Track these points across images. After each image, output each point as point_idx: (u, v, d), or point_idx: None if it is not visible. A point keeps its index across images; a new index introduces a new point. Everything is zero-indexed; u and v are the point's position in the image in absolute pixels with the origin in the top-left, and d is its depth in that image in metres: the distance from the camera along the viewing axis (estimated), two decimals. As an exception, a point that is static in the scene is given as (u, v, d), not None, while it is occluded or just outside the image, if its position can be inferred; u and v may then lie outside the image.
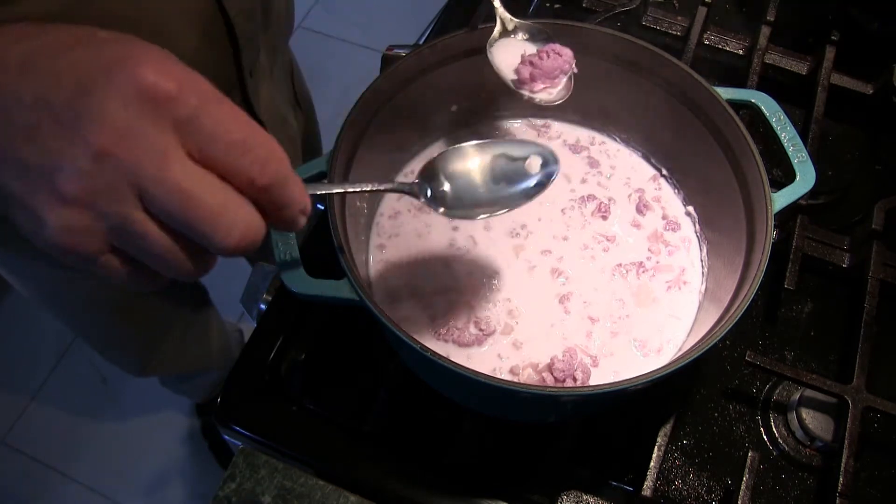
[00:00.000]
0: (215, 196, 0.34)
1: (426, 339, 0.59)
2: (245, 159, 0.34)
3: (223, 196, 0.34)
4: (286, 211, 0.37)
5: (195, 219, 0.33)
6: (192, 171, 0.33)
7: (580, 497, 0.59)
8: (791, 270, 0.67)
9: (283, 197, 0.36)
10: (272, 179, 0.35)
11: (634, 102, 0.65)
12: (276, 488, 0.57)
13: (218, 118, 0.33)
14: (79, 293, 0.90)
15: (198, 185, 0.33)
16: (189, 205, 0.33)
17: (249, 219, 0.35)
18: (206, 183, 0.33)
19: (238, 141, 0.34)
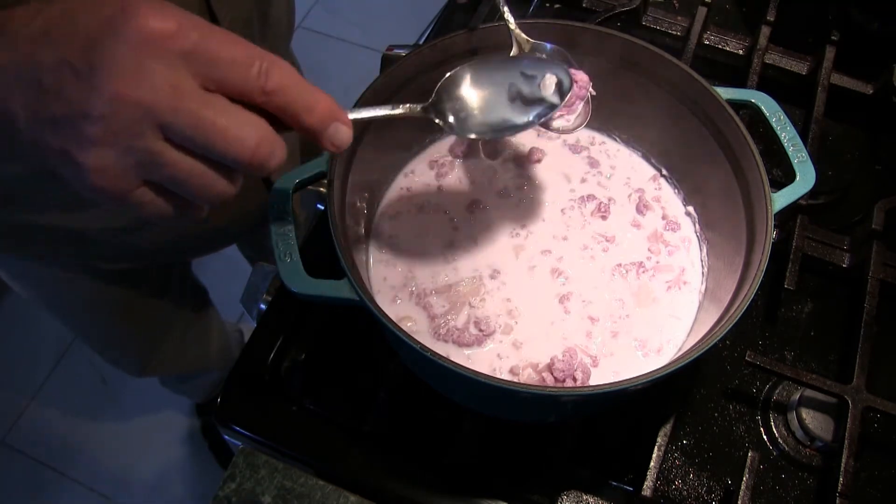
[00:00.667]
0: (226, 114, 0.37)
1: (426, 339, 0.59)
2: (250, 72, 0.37)
3: (233, 113, 0.37)
4: (309, 116, 0.40)
5: (210, 138, 0.37)
6: (205, 99, 0.36)
7: (580, 497, 0.59)
8: (791, 270, 0.67)
9: (298, 99, 0.39)
10: (279, 83, 0.38)
11: (634, 102, 0.65)
12: (276, 488, 0.57)
13: (219, 44, 0.37)
14: (78, 294, 0.90)
15: (209, 108, 0.36)
16: (202, 125, 0.36)
17: (259, 130, 0.38)
18: (217, 105, 0.37)
19: (240, 58, 0.37)
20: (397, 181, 0.68)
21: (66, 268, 0.86)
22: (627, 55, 0.62)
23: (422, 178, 0.68)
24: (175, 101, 0.36)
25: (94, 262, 0.85)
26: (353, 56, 2.11)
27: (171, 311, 1.07)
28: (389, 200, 0.67)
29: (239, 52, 0.37)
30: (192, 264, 1.14)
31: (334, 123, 0.41)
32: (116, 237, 0.76)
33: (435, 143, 0.70)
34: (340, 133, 0.42)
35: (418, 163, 0.69)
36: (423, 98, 0.50)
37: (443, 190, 0.68)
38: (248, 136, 0.37)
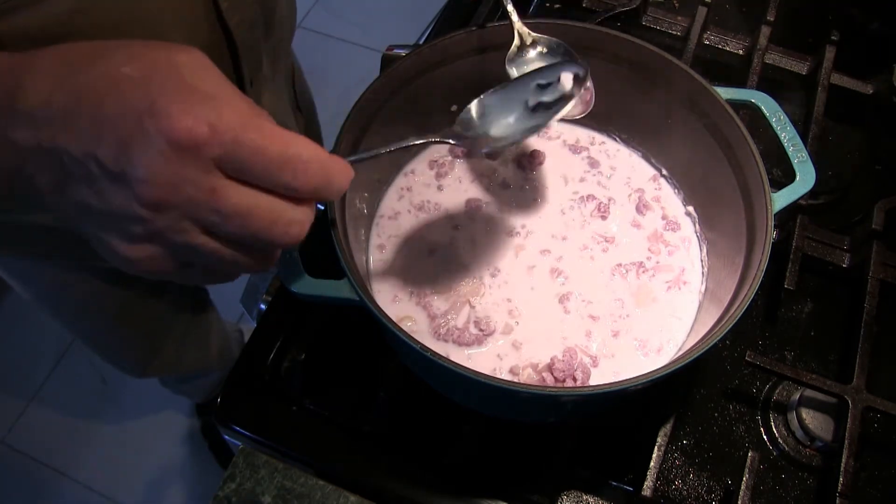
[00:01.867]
0: (267, 209, 0.37)
1: (426, 339, 0.59)
2: (286, 174, 0.37)
3: (274, 206, 0.37)
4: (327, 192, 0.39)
5: (254, 234, 0.37)
6: (241, 194, 0.36)
7: (580, 497, 0.59)
8: (791, 270, 0.67)
9: (322, 187, 0.39)
10: (314, 185, 0.38)
11: (634, 102, 0.65)
12: (276, 488, 0.57)
13: (252, 144, 0.36)
14: (78, 296, 0.90)
15: (249, 205, 0.36)
16: (246, 224, 0.37)
17: (301, 216, 0.38)
18: (256, 201, 0.37)
19: (275, 159, 0.36)
20: (397, 181, 0.68)
21: (66, 268, 0.86)
22: (627, 55, 0.62)
23: (422, 178, 0.68)
24: (214, 204, 0.36)
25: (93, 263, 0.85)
26: (353, 56, 2.11)
27: (171, 311, 1.07)
28: (389, 200, 0.67)
29: (271, 153, 0.36)
30: (192, 264, 1.14)
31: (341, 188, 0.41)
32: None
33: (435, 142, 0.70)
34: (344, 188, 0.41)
35: (418, 163, 0.69)
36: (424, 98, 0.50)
37: (443, 190, 0.68)
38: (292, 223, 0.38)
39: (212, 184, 0.36)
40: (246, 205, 0.36)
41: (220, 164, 0.35)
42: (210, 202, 0.36)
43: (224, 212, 0.36)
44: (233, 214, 0.36)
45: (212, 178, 0.35)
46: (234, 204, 0.36)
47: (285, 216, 0.38)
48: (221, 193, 0.36)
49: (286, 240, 0.38)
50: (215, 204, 0.36)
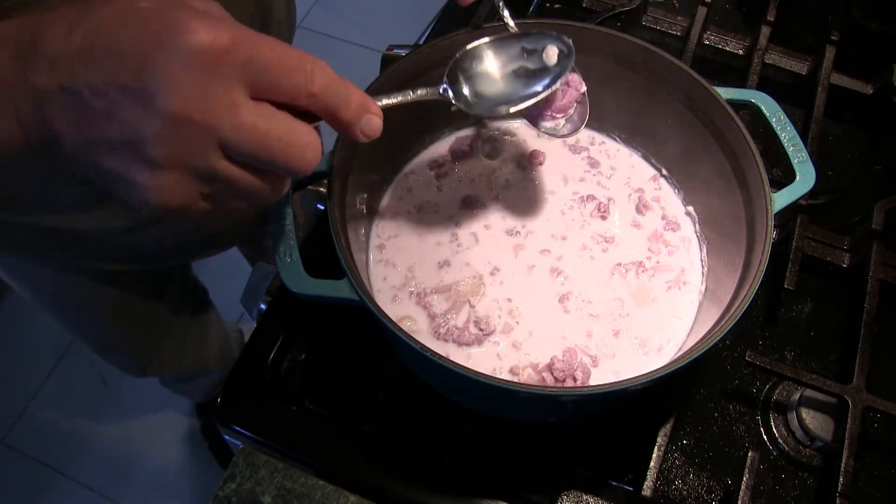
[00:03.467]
0: (283, 127, 0.38)
1: (426, 338, 0.59)
2: (297, 75, 0.38)
3: (289, 125, 0.38)
4: (346, 111, 0.41)
5: (272, 153, 0.38)
6: (258, 111, 0.37)
7: (580, 497, 0.59)
8: (791, 270, 0.67)
9: (338, 96, 0.40)
10: (323, 82, 0.39)
11: (634, 102, 0.65)
12: (276, 488, 0.57)
13: (270, 52, 0.37)
14: (77, 295, 0.90)
15: (267, 123, 0.37)
16: (265, 143, 0.37)
17: (312, 143, 0.39)
18: (273, 119, 0.37)
19: (290, 63, 0.37)
20: (397, 181, 0.68)
21: (65, 268, 0.86)
22: (627, 55, 0.62)
23: (422, 178, 0.68)
24: (235, 119, 0.36)
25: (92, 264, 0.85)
26: (353, 56, 2.11)
27: (171, 311, 1.07)
28: (389, 200, 0.67)
29: (288, 58, 0.38)
30: (192, 264, 1.14)
31: (366, 115, 0.42)
32: (117, 239, 0.75)
33: (435, 143, 0.70)
34: (372, 123, 0.43)
35: (418, 163, 0.69)
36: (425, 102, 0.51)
37: (443, 190, 0.68)
38: (306, 146, 0.39)
39: (233, 99, 0.36)
40: (265, 123, 0.37)
41: (240, 74, 0.36)
42: (231, 118, 0.36)
43: (244, 128, 0.36)
44: (252, 132, 0.37)
45: (233, 92, 0.36)
46: (253, 121, 0.37)
47: (301, 138, 0.38)
48: (242, 109, 0.36)
49: (301, 164, 0.39)
50: (237, 118, 0.36)
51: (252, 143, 0.37)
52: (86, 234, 0.73)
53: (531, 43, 0.54)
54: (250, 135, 0.37)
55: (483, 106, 0.53)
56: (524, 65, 0.54)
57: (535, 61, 0.54)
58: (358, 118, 0.42)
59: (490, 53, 0.54)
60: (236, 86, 0.36)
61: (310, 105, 0.39)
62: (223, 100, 0.36)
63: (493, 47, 0.54)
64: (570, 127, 0.58)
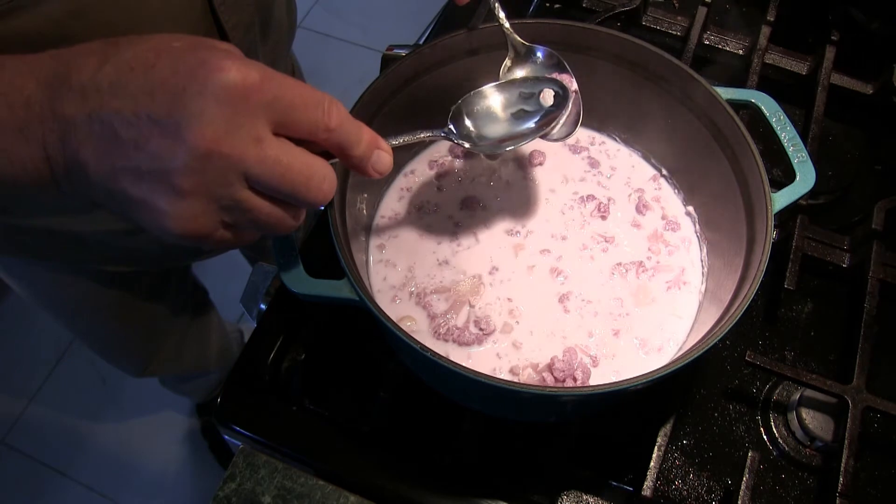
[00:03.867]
0: (303, 161, 0.40)
1: (426, 338, 0.59)
2: (316, 113, 0.40)
3: (309, 159, 0.41)
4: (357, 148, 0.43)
5: (293, 185, 0.40)
6: (281, 146, 0.39)
7: (580, 497, 0.59)
8: (791, 270, 0.67)
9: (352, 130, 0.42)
10: (339, 119, 0.41)
11: (634, 102, 0.65)
12: (276, 488, 0.57)
13: (291, 90, 0.39)
14: (76, 295, 0.90)
15: (290, 157, 0.39)
16: (287, 175, 0.39)
17: (330, 177, 0.42)
18: (294, 153, 0.40)
19: (310, 101, 0.40)
20: (397, 181, 0.68)
21: (64, 269, 0.86)
22: (627, 55, 0.62)
23: (422, 178, 0.68)
24: (260, 152, 0.38)
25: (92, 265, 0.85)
26: (353, 56, 2.11)
27: (171, 311, 1.07)
28: (389, 200, 0.67)
29: (309, 96, 0.40)
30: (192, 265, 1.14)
31: (376, 151, 0.45)
32: (116, 240, 0.76)
33: (435, 143, 0.70)
34: (382, 160, 0.45)
35: (418, 163, 0.69)
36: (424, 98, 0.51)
37: (443, 190, 0.68)
38: (324, 179, 0.41)
39: (259, 133, 0.38)
40: (287, 157, 0.39)
41: (266, 111, 0.38)
42: (257, 152, 0.38)
43: (269, 162, 0.38)
44: (276, 165, 0.39)
45: (258, 127, 0.38)
46: (276, 155, 0.39)
47: (319, 171, 0.41)
48: (267, 144, 0.38)
49: (319, 195, 0.41)
50: (262, 152, 0.38)
51: (276, 176, 0.39)
52: (85, 236, 0.73)
53: (529, 88, 0.57)
54: (274, 168, 0.39)
55: (485, 145, 0.55)
56: (523, 108, 0.56)
57: (534, 104, 0.56)
58: (369, 154, 0.44)
59: (490, 98, 0.56)
60: (262, 122, 0.38)
61: (326, 140, 0.41)
62: (250, 134, 0.38)
63: (493, 92, 0.56)
64: (564, 130, 0.58)
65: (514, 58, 0.60)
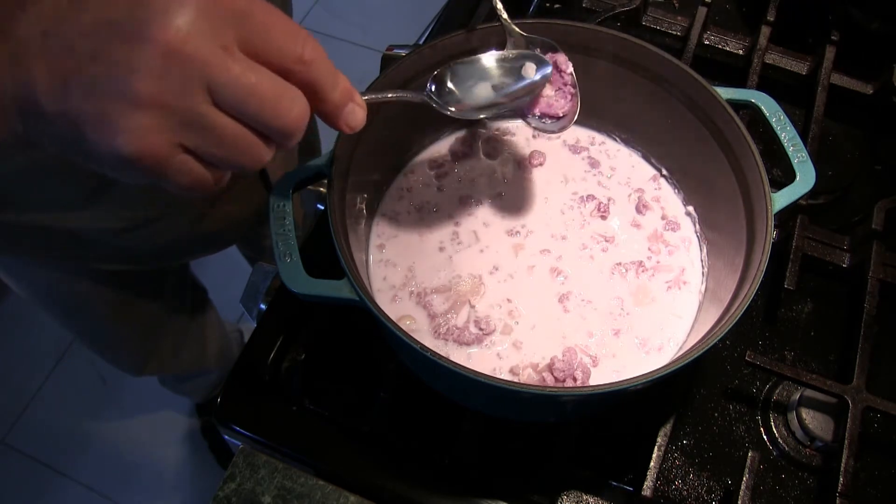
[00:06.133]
0: (273, 84, 0.37)
1: (426, 338, 0.59)
2: (293, 41, 0.38)
3: (278, 83, 0.37)
4: (332, 92, 0.40)
5: (260, 104, 0.36)
6: (250, 62, 0.36)
7: (580, 497, 0.59)
8: (791, 270, 0.67)
9: (327, 74, 0.40)
10: (315, 54, 0.38)
11: (634, 102, 0.65)
12: (276, 488, 0.57)
13: (266, 10, 0.37)
14: (74, 293, 0.90)
15: (257, 73, 0.36)
16: (254, 92, 0.36)
17: (301, 101, 0.38)
18: (263, 73, 0.37)
19: (286, 27, 0.37)
20: (397, 181, 0.68)
21: (62, 268, 0.86)
22: (627, 55, 0.62)
23: (422, 178, 0.68)
24: (226, 63, 0.35)
25: (89, 264, 0.85)
26: (353, 56, 2.11)
27: (169, 310, 1.07)
28: (389, 200, 0.67)
29: (285, 22, 0.37)
30: (192, 264, 1.14)
31: (351, 104, 0.42)
32: (114, 238, 0.76)
33: (435, 143, 0.70)
34: (356, 114, 0.43)
35: (418, 163, 0.69)
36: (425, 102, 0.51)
37: (443, 190, 0.68)
38: (293, 104, 0.38)
39: (226, 42, 0.35)
40: (255, 73, 0.36)
41: (236, 23, 0.35)
42: (223, 60, 0.35)
43: (235, 73, 0.35)
44: (243, 77, 0.36)
45: (226, 37, 0.35)
46: (243, 67, 0.36)
47: (289, 94, 0.38)
48: (234, 54, 0.36)
49: (288, 120, 0.38)
50: (228, 62, 0.35)
51: (242, 90, 0.36)
52: (80, 234, 0.73)
53: (511, 63, 0.57)
54: (241, 81, 0.36)
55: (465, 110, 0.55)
56: (504, 80, 0.57)
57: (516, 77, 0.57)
58: (343, 103, 0.41)
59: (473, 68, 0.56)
60: (230, 33, 0.35)
61: (299, 73, 0.38)
62: (216, 41, 0.35)
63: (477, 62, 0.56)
64: (562, 122, 0.58)
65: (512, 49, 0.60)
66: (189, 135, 0.36)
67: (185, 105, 0.35)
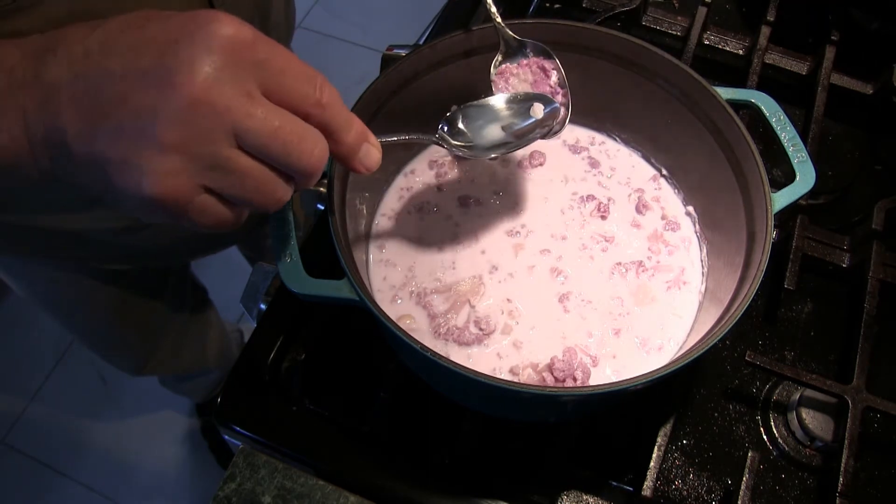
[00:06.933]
0: (295, 126, 0.38)
1: (426, 338, 0.59)
2: (310, 85, 0.39)
3: (300, 125, 0.39)
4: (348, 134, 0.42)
5: (284, 146, 0.38)
6: (272, 106, 0.38)
7: (580, 497, 0.59)
8: (791, 270, 0.67)
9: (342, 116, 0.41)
10: (331, 97, 0.40)
11: (634, 102, 0.65)
12: (276, 488, 0.57)
13: (284, 57, 0.38)
14: (74, 292, 0.90)
15: (280, 117, 0.38)
16: (278, 135, 0.37)
17: (322, 142, 0.40)
18: (286, 117, 0.38)
19: (303, 72, 0.39)
20: (397, 181, 0.68)
21: (63, 268, 0.86)
22: (627, 55, 0.62)
23: (422, 178, 0.68)
24: (250, 108, 0.36)
25: (91, 263, 0.85)
26: (353, 56, 2.11)
27: (170, 310, 1.07)
28: (389, 200, 0.67)
29: (302, 67, 0.39)
30: (192, 264, 1.14)
31: (365, 144, 0.43)
32: (116, 238, 0.76)
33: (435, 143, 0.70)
34: (371, 154, 0.44)
35: (418, 163, 0.69)
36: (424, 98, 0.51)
37: (443, 190, 0.68)
38: (315, 144, 0.39)
39: (249, 89, 0.37)
40: (278, 117, 0.37)
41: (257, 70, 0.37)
42: (247, 107, 0.36)
43: (259, 119, 0.37)
44: (266, 122, 0.37)
45: (249, 84, 0.37)
46: (266, 112, 0.37)
47: (310, 136, 0.39)
48: (258, 100, 0.37)
49: (311, 161, 0.39)
50: (252, 108, 0.36)
51: (266, 134, 0.37)
52: (84, 234, 0.73)
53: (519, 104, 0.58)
54: (264, 125, 0.37)
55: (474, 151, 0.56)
56: (513, 120, 0.58)
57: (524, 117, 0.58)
58: (358, 144, 0.43)
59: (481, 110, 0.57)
60: (251, 80, 0.37)
61: (316, 116, 0.39)
62: (240, 88, 0.36)
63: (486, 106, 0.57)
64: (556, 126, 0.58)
65: (505, 52, 0.60)
66: (212, 177, 0.38)
67: (210, 150, 0.36)
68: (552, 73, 0.59)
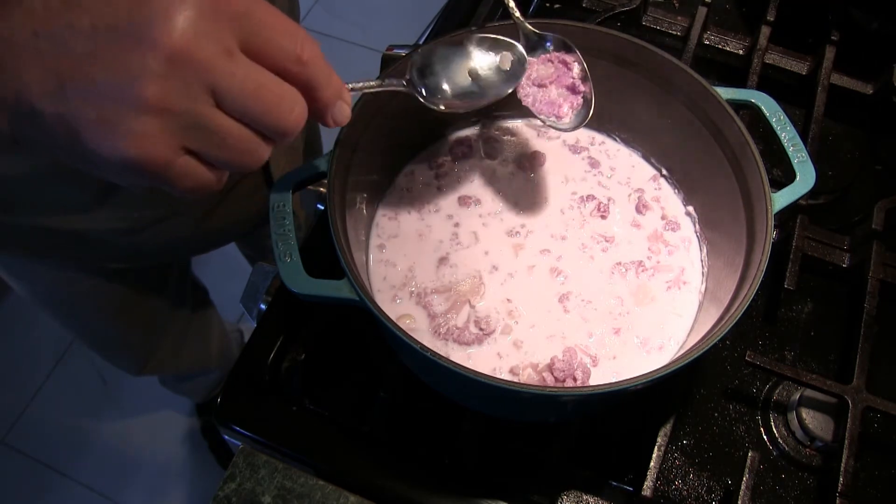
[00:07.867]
0: (274, 86, 0.37)
1: (426, 338, 0.59)
2: (291, 40, 0.38)
3: (279, 86, 0.38)
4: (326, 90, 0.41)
5: (263, 107, 0.37)
6: (252, 66, 0.36)
7: (580, 497, 0.59)
8: (791, 270, 0.67)
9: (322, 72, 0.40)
10: (313, 53, 0.39)
11: (634, 102, 0.65)
12: (276, 488, 0.57)
13: (265, 10, 0.37)
14: (75, 292, 0.90)
15: (260, 76, 0.37)
16: (259, 94, 0.36)
17: (300, 102, 0.39)
18: (265, 76, 0.37)
19: (284, 26, 0.38)
20: (397, 181, 0.68)
21: (64, 267, 0.86)
22: (627, 55, 0.62)
23: (422, 178, 0.68)
24: (230, 65, 0.35)
25: (93, 263, 0.85)
26: (353, 56, 2.11)
27: (170, 310, 1.07)
28: (389, 200, 0.67)
29: (284, 22, 0.38)
30: (193, 264, 1.14)
31: (339, 101, 0.43)
32: (119, 238, 0.76)
33: (435, 143, 0.70)
34: (344, 111, 0.44)
35: (418, 163, 0.69)
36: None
37: (443, 190, 0.68)
38: (294, 104, 0.38)
39: (228, 45, 0.35)
40: (256, 76, 0.36)
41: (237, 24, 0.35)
42: (227, 64, 0.35)
43: (239, 76, 0.35)
44: (247, 80, 0.36)
45: (228, 39, 0.35)
46: (246, 70, 0.36)
47: (289, 96, 0.38)
48: (236, 57, 0.36)
49: (289, 121, 0.38)
50: (232, 65, 0.35)
51: (246, 94, 0.36)
52: (86, 235, 0.73)
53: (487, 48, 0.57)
54: (244, 84, 0.36)
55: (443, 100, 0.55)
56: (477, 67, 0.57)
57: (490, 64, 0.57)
58: (334, 100, 0.42)
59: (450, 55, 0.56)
60: (231, 35, 0.35)
61: (296, 73, 0.38)
62: (220, 44, 0.35)
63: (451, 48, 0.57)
64: (574, 120, 0.58)
65: (525, 47, 0.60)
66: (193, 138, 0.36)
67: (190, 108, 0.35)
68: (574, 66, 0.59)
